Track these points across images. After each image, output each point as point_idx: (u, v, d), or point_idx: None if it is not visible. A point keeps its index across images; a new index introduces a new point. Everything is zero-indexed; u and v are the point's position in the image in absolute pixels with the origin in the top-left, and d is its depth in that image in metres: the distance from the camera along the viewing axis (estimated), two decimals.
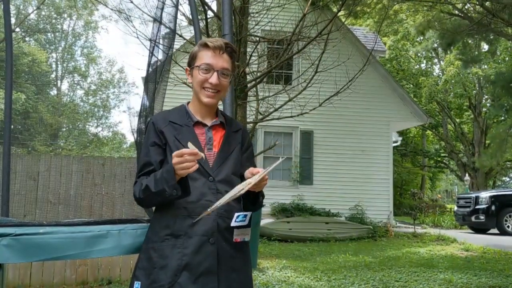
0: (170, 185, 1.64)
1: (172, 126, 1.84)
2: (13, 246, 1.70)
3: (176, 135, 1.81)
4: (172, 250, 1.72)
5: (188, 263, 1.70)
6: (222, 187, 1.79)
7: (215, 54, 1.84)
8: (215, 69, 1.83)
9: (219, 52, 1.84)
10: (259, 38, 8.35)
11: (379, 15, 14.27)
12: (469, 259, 8.15)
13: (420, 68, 28.67)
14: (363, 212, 12.91)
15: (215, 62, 1.83)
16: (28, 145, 26.80)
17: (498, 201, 13.34)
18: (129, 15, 7.37)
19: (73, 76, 36.15)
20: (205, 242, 1.72)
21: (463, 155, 27.26)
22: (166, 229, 1.75)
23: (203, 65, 1.83)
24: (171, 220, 1.75)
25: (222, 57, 1.85)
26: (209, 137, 1.87)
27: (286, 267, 7.12)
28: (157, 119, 1.87)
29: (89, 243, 1.80)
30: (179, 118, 1.87)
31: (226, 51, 1.87)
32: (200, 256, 1.71)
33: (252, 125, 8.29)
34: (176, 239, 1.73)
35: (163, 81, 2.49)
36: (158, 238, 1.75)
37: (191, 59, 1.90)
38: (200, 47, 1.87)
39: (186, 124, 1.86)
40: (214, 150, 1.85)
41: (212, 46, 1.84)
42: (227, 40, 2.44)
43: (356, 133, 13.68)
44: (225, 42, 1.87)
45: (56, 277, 5.69)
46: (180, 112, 1.91)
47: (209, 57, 1.83)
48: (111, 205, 5.80)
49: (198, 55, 1.87)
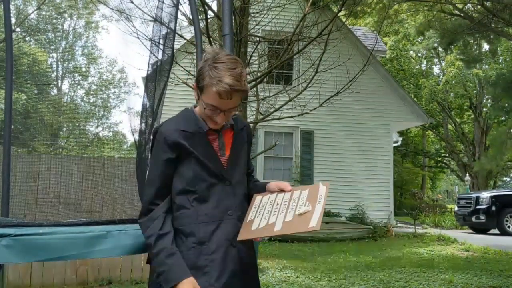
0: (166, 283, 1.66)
1: (184, 134, 1.78)
2: (13, 247, 1.69)
3: (190, 145, 1.76)
4: (199, 257, 1.72)
5: (215, 268, 1.71)
6: (238, 189, 1.83)
7: (224, 100, 1.72)
8: (222, 110, 1.75)
9: (228, 98, 1.72)
10: (259, 38, 8.35)
11: (379, 15, 14.27)
12: (470, 259, 8.14)
13: (421, 68, 28.67)
14: (364, 212, 12.90)
15: (223, 105, 1.74)
16: (28, 145, 26.82)
17: (499, 201, 13.32)
18: (129, 15, 7.37)
19: (74, 76, 36.20)
20: (229, 246, 1.75)
21: (464, 155, 27.25)
22: (192, 237, 1.74)
23: (209, 106, 1.74)
24: (195, 228, 1.74)
25: (229, 101, 1.73)
26: (222, 143, 1.84)
27: (287, 267, 7.11)
28: (168, 131, 1.78)
29: (89, 244, 1.79)
30: (189, 125, 1.80)
31: (236, 94, 1.75)
32: (226, 260, 1.73)
33: (252, 125, 8.29)
34: (201, 246, 1.73)
35: (164, 81, 2.49)
36: (184, 247, 1.73)
37: (199, 82, 1.76)
38: (210, 84, 1.71)
39: (198, 131, 1.80)
40: (226, 154, 1.84)
41: (220, 94, 1.70)
42: (228, 40, 2.44)
43: (356, 133, 13.68)
44: (235, 89, 1.71)
45: (57, 277, 5.69)
46: (188, 118, 1.83)
47: (217, 101, 1.72)
48: (112, 205, 5.80)
49: (207, 90, 1.72)
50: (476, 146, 25.57)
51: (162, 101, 2.45)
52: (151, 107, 2.45)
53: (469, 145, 26.52)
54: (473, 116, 27.08)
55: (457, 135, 27.84)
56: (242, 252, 1.79)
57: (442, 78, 25.61)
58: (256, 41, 8.28)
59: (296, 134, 13.71)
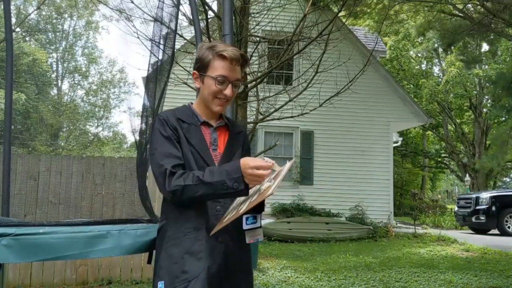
0: (232, 178, 1.62)
1: (181, 123, 1.83)
2: (13, 246, 1.70)
3: (185, 133, 1.82)
4: (195, 242, 1.74)
5: (207, 257, 1.72)
6: None
7: (231, 66, 1.82)
8: (230, 80, 1.82)
9: (235, 64, 1.83)
10: (259, 38, 8.35)
11: (379, 15, 14.27)
12: (470, 259, 8.14)
13: (421, 68, 28.67)
14: (364, 213, 12.90)
15: (231, 74, 1.82)
16: (28, 145, 26.81)
17: (499, 201, 13.32)
18: (129, 15, 7.37)
19: (74, 76, 36.17)
20: (215, 241, 1.75)
21: (464, 155, 27.24)
22: (189, 222, 1.76)
23: (219, 77, 1.80)
24: (193, 214, 1.77)
25: (236, 68, 1.84)
26: (214, 138, 1.88)
27: (286, 267, 7.12)
28: (167, 116, 1.84)
29: (89, 243, 1.80)
30: (186, 116, 1.87)
31: (241, 63, 1.86)
32: (214, 254, 1.74)
33: (252, 125, 8.29)
34: (197, 232, 1.75)
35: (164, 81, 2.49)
36: (180, 233, 1.75)
37: (201, 65, 1.85)
38: (215, 56, 1.82)
39: (193, 123, 1.86)
40: (218, 151, 1.87)
41: (230, 58, 1.81)
42: (228, 40, 2.44)
43: (356, 134, 13.67)
44: (241, 54, 1.85)
45: (56, 277, 5.69)
46: (186, 111, 1.90)
47: (225, 69, 1.81)
48: (112, 205, 5.79)
49: (212, 64, 1.82)
50: (476, 147, 25.56)
51: (162, 101, 2.45)
52: (151, 107, 2.46)
53: (469, 146, 26.51)
54: (473, 117, 27.07)
55: (457, 136, 27.83)
56: (230, 251, 1.78)
57: (442, 78, 25.60)
58: (256, 41, 8.28)
59: (296, 134, 13.71)
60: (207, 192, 1.65)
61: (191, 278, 1.68)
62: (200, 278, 1.68)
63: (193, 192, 1.66)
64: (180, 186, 1.66)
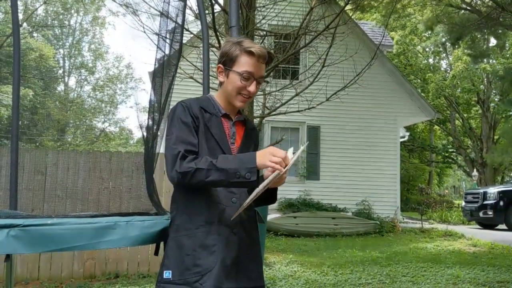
0: (247, 167, 1.63)
1: (203, 112, 1.84)
2: (21, 237, 1.70)
3: (206, 122, 1.83)
4: (207, 236, 1.74)
5: (221, 250, 1.73)
6: None
7: (257, 63, 1.83)
8: (255, 77, 1.84)
9: (261, 61, 1.84)
10: (266, 32, 8.31)
11: (386, 9, 14.17)
12: (477, 254, 8.11)
13: (428, 63, 28.48)
14: (370, 208, 12.88)
15: (256, 71, 1.83)
16: (36, 141, 26.96)
17: (507, 196, 13.24)
18: (136, 9, 7.36)
19: (80, 72, 36.27)
20: (230, 232, 1.77)
21: (471, 150, 27.09)
22: (201, 215, 1.76)
23: (245, 73, 1.81)
24: (205, 207, 1.77)
25: (262, 66, 1.85)
26: (233, 131, 1.90)
27: (293, 262, 7.12)
28: (190, 103, 1.83)
29: (97, 234, 1.80)
30: (208, 106, 1.88)
31: (267, 61, 1.87)
32: (228, 246, 1.75)
33: (259, 119, 8.28)
34: (210, 226, 1.75)
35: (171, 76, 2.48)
36: (192, 225, 1.75)
37: (227, 60, 1.85)
38: (243, 52, 1.83)
39: (215, 114, 1.88)
40: (236, 145, 1.89)
41: (257, 55, 1.81)
42: (235, 32, 2.43)
43: (363, 128, 13.63)
44: (268, 52, 1.86)
45: (64, 270, 5.73)
46: (208, 101, 1.91)
47: (251, 66, 1.82)
48: (118, 199, 5.82)
49: (239, 60, 1.83)
50: (484, 141, 25.40)
51: (169, 96, 2.44)
52: (158, 102, 2.45)
53: (477, 140, 26.35)
54: (480, 111, 26.89)
55: (465, 130, 27.66)
56: (243, 242, 1.80)
57: (450, 72, 25.43)
58: (263, 35, 8.25)
59: (302, 129, 13.69)
60: (218, 178, 1.64)
61: (204, 272, 1.69)
62: (213, 272, 1.69)
63: (204, 176, 1.65)
64: (192, 168, 1.65)
